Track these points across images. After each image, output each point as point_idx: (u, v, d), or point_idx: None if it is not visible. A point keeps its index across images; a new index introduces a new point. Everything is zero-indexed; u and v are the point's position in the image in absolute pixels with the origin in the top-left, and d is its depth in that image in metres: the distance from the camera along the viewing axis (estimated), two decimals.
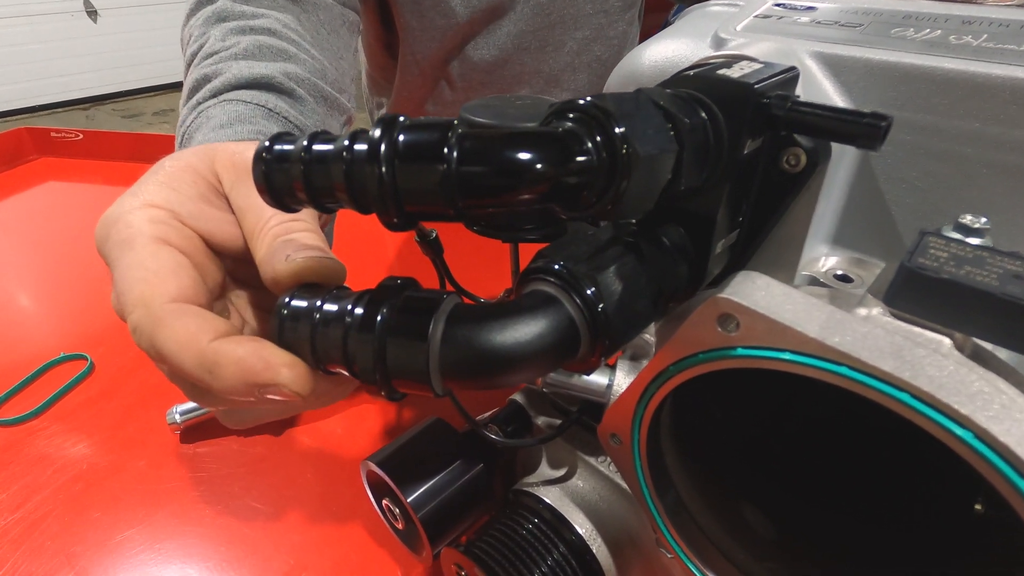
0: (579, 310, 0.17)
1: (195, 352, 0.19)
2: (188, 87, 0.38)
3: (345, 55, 0.50)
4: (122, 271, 0.22)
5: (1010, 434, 0.12)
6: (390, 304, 0.18)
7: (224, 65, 0.37)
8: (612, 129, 0.15)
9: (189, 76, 0.39)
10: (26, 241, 0.69)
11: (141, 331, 0.20)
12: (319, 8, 0.48)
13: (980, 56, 0.19)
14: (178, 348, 0.19)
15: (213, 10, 0.43)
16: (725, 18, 0.25)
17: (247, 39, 0.39)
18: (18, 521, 0.37)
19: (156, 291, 0.21)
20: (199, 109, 0.35)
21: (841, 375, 0.14)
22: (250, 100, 0.35)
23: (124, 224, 0.23)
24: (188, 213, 0.24)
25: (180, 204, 0.24)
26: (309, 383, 0.19)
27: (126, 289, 0.21)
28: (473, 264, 0.55)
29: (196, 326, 0.20)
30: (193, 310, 0.21)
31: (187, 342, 0.19)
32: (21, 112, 3.17)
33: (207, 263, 0.24)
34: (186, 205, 0.24)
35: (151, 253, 0.22)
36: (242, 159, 0.25)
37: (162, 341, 0.20)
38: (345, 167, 0.15)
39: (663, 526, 0.21)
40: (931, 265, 0.14)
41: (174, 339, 0.20)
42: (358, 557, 0.34)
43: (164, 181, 0.24)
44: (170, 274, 0.21)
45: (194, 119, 0.35)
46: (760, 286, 0.15)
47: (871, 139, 0.16)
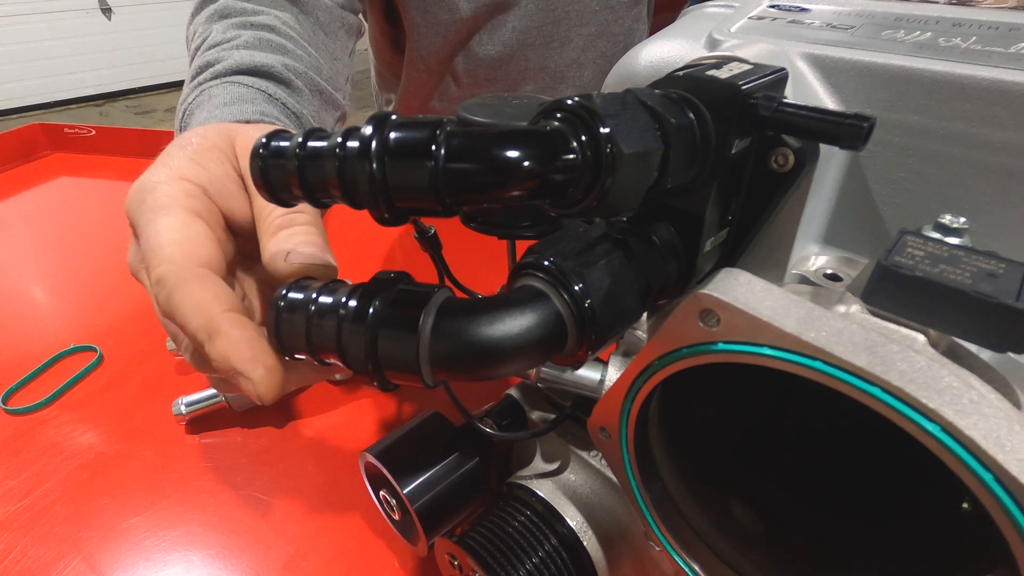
0: (566, 305, 0.18)
1: (205, 317, 0.21)
2: (191, 73, 0.39)
3: (340, 56, 0.51)
4: (156, 230, 0.23)
5: (976, 428, 0.12)
6: (383, 297, 0.18)
7: (226, 53, 0.38)
8: (597, 129, 0.15)
9: (193, 64, 0.40)
10: (39, 235, 0.70)
11: (163, 284, 0.22)
12: (318, 9, 0.50)
13: (967, 58, 0.19)
14: (192, 308, 0.21)
15: (215, 8, 0.44)
16: (721, 19, 0.25)
17: (248, 33, 0.41)
18: (28, 507, 0.38)
19: (187, 253, 0.22)
20: (201, 88, 0.36)
21: (816, 369, 0.14)
22: (251, 84, 0.36)
23: (162, 193, 0.24)
24: (215, 191, 0.26)
25: (209, 181, 0.25)
26: (273, 393, 0.21)
27: (157, 246, 0.23)
28: (472, 260, 0.56)
29: (213, 294, 0.21)
30: (215, 279, 0.22)
31: (202, 306, 0.21)
32: (36, 108, 3.21)
33: (225, 239, 0.26)
34: (214, 183, 0.26)
35: (184, 222, 0.23)
36: None
37: (180, 298, 0.21)
38: (338, 163, 0.15)
39: (650, 519, 0.22)
40: (907, 263, 0.14)
41: (192, 299, 0.21)
42: (356, 546, 0.35)
43: (194, 158, 0.26)
44: (200, 243, 0.23)
45: (196, 96, 0.36)
46: (741, 283, 0.16)
47: (854, 139, 0.17)
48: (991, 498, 0.12)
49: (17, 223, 0.73)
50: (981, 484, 0.12)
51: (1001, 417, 0.13)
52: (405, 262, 0.63)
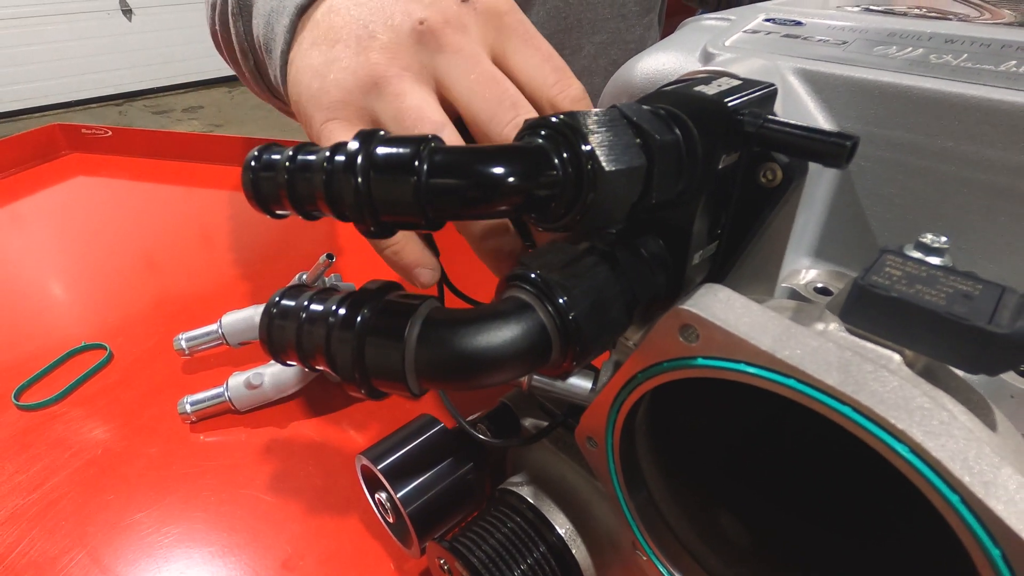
0: (551, 317, 0.18)
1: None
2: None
3: None
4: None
5: (944, 449, 0.12)
6: (371, 306, 0.19)
7: None
8: (579, 146, 0.16)
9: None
10: (55, 233, 0.72)
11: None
12: None
13: (958, 76, 0.19)
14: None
15: None
16: (716, 32, 0.25)
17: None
18: (36, 501, 0.39)
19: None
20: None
21: (790, 387, 0.14)
22: None
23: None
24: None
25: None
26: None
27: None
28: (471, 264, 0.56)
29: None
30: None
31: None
32: (57, 107, 3.27)
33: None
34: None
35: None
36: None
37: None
38: (325, 177, 0.16)
39: (635, 529, 0.22)
40: (883, 283, 0.14)
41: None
42: (353, 548, 0.35)
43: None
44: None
45: None
46: (721, 299, 0.16)
47: (836, 158, 0.17)
48: (958, 520, 0.12)
49: (35, 221, 0.75)
50: (948, 506, 0.12)
51: (971, 439, 0.13)
52: None
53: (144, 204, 0.78)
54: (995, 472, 0.12)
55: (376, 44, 0.24)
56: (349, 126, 0.25)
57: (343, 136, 0.24)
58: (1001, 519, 0.12)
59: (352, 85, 0.24)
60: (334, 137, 0.24)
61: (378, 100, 0.24)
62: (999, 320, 0.13)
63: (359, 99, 0.24)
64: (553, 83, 0.24)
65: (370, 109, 0.24)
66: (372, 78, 0.24)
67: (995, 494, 0.12)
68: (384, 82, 0.23)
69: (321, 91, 0.25)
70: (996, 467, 0.12)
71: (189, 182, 0.84)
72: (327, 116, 0.25)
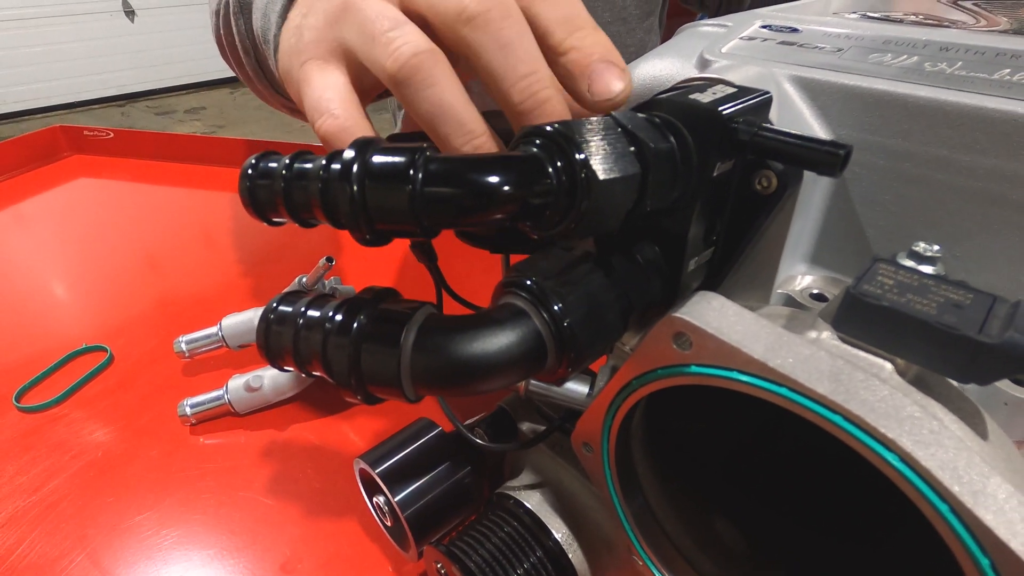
0: (546, 324, 0.18)
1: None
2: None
3: None
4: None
5: (934, 458, 0.13)
6: (367, 312, 0.19)
7: None
8: (572, 154, 0.16)
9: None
10: (57, 235, 0.72)
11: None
12: None
13: (952, 84, 0.19)
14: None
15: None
16: (713, 39, 0.25)
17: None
18: (36, 503, 0.39)
19: None
20: None
21: (781, 396, 0.14)
22: None
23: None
24: None
25: None
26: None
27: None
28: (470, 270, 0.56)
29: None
30: None
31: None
32: (60, 108, 3.28)
33: None
34: None
35: None
36: None
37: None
38: (321, 185, 0.16)
39: (631, 534, 0.22)
40: (874, 292, 0.14)
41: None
42: (351, 551, 0.35)
43: None
44: None
45: None
46: (714, 307, 0.16)
47: (830, 167, 0.17)
48: (948, 529, 0.12)
49: (37, 223, 0.75)
50: (938, 515, 0.13)
51: (961, 448, 0.13)
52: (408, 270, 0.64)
53: (145, 206, 0.79)
54: (984, 481, 0.12)
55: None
56: (323, 64, 0.24)
57: (320, 77, 0.24)
58: (990, 529, 0.12)
59: (323, 22, 0.24)
60: (312, 79, 0.24)
61: (345, 25, 0.23)
62: (989, 330, 0.13)
63: (329, 32, 0.24)
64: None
65: (340, 39, 0.24)
66: (339, 7, 0.23)
67: (984, 503, 0.12)
68: (349, 5, 0.23)
69: (298, 40, 0.25)
70: (986, 476, 0.12)
71: (190, 184, 0.84)
72: (302, 60, 0.25)
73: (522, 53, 0.21)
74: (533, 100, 0.21)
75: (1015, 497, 0.12)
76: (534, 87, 0.21)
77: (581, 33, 0.22)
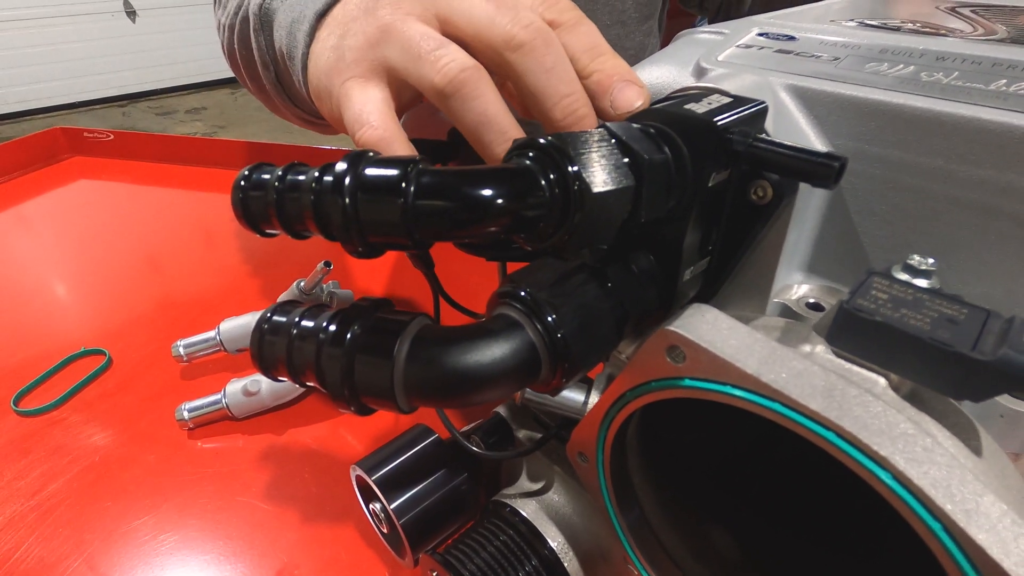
0: (539, 336, 0.18)
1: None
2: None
3: None
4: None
5: (927, 476, 0.12)
6: (361, 323, 0.19)
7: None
8: (565, 167, 0.16)
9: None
10: (57, 237, 0.72)
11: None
12: None
13: (947, 95, 0.19)
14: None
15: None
16: (710, 46, 0.25)
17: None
18: (34, 507, 0.39)
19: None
20: None
21: (775, 411, 0.14)
22: None
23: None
24: None
25: None
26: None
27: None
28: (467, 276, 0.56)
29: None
30: None
31: None
32: (62, 108, 3.29)
33: None
34: None
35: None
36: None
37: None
38: (313, 197, 0.16)
39: (626, 544, 0.22)
40: (868, 307, 0.14)
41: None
42: (348, 557, 0.35)
43: None
44: None
45: None
46: (708, 320, 0.16)
47: (824, 179, 0.17)
48: (940, 547, 0.12)
49: (37, 225, 0.75)
50: (931, 533, 0.12)
51: (954, 466, 0.13)
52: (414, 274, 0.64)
53: (145, 207, 0.79)
54: (977, 500, 0.12)
55: (381, 4, 0.26)
56: (364, 82, 0.26)
57: (360, 93, 0.26)
58: (982, 548, 0.12)
59: (363, 43, 0.26)
60: (353, 95, 0.26)
61: (387, 46, 0.25)
62: (983, 347, 0.13)
63: (370, 53, 0.26)
64: (540, 1, 0.25)
65: (381, 58, 0.25)
66: (380, 30, 0.25)
67: (977, 522, 0.12)
68: (390, 28, 0.25)
69: (338, 60, 0.27)
70: (979, 495, 0.12)
71: (190, 186, 0.84)
72: (344, 78, 0.26)
73: (564, 75, 0.24)
74: (573, 116, 0.24)
75: (1008, 516, 0.12)
76: (574, 105, 0.24)
77: (603, 58, 0.25)
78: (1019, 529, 0.12)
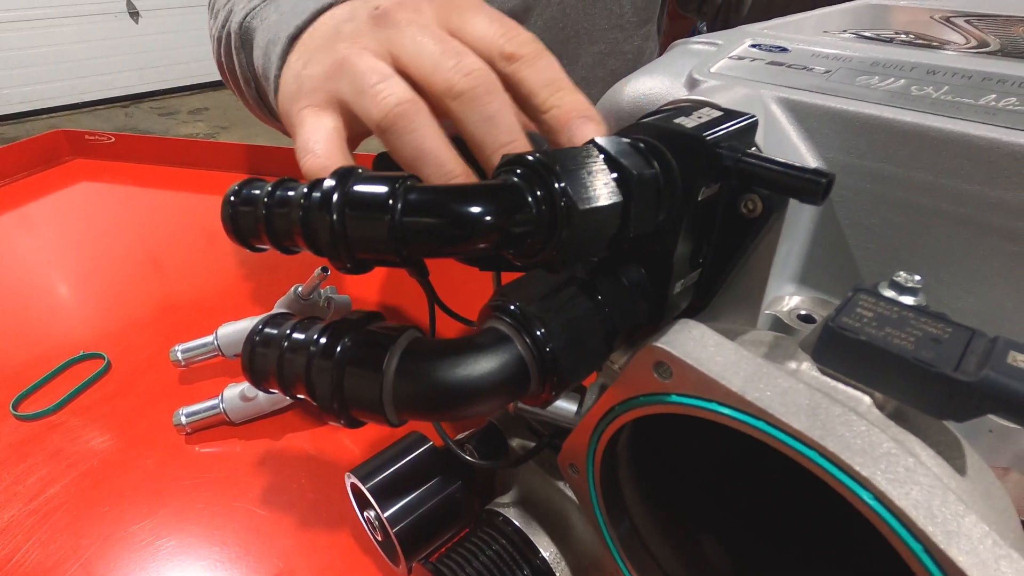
0: (529, 350, 0.18)
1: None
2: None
3: None
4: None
5: (908, 497, 0.13)
6: (352, 336, 0.19)
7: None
8: (552, 184, 0.16)
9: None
10: (57, 240, 0.72)
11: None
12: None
13: (936, 109, 0.19)
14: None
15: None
16: (703, 57, 0.25)
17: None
18: (32, 512, 0.39)
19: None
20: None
21: (759, 429, 0.14)
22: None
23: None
24: None
25: None
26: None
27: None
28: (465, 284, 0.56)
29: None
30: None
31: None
32: (65, 109, 3.30)
33: None
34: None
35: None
36: None
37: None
38: (302, 213, 0.16)
39: (617, 556, 0.22)
40: (853, 325, 0.14)
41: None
42: (344, 564, 0.35)
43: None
44: None
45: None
46: (694, 336, 0.16)
47: (812, 195, 0.17)
48: (921, 568, 0.12)
49: (38, 227, 0.75)
50: (912, 554, 0.12)
51: (936, 486, 0.13)
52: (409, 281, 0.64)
53: (146, 210, 0.79)
54: (959, 521, 0.12)
55: (341, 36, 0.27)
56: (319, 111, 0.27)
57: (313, 121, 0.27)
58: (962, 570, 0.12)
59: (321, 73, 0.27)
60: (306, 122, 0.27)
61: (340, 79, 0.26)
62: (965, 367, 0.13)
63: (326, 84, 0.26)
64: (500, 34, 0.25)
65: (335, 91, 0.26)
66: (336, 63, 0.26)
67: (958, 544, 0.12)
68: (344, 62, 0.26)
69: (298, 88, 0.28)
70: (960, 515, 0.12)
71: (191, 188, 0.84)
72: (301, 105, 0.27)
73: (504, 124, 0.24)
74: None
75: (990, 537, 0.12)
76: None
77: (561, 93, 0.25)
78: (1000, 551, 0.12)
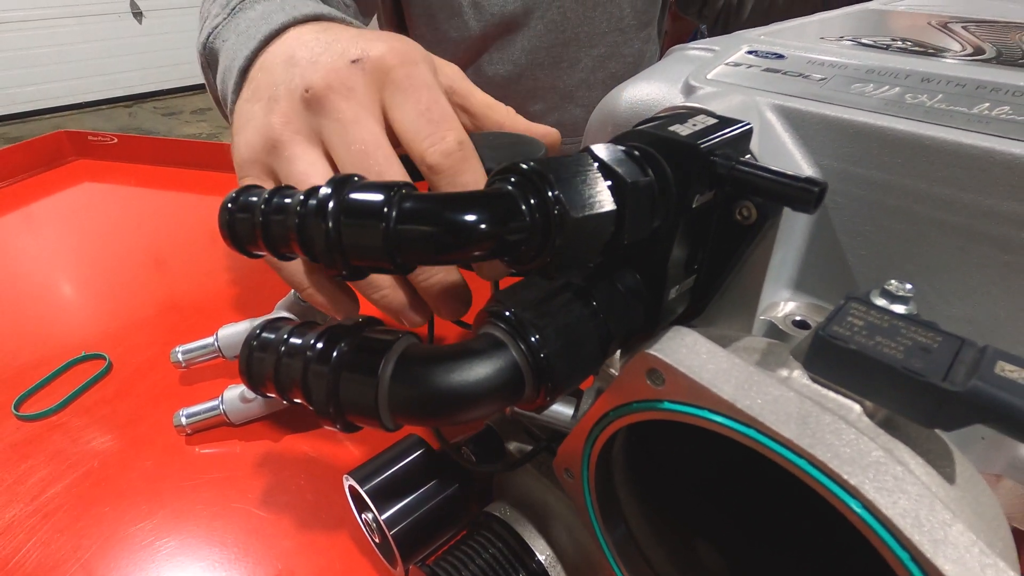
0: (523, 356, 0.18)
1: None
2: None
3: None
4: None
5: (896, 506, 0.13)
6: (348, 341, 0.19)
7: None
8: (546, 192, 0.16)
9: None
10: (59, 241, 0.73)
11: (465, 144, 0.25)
12: (330, 2, 0.51)
13: (930, 118, 0.19)
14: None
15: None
16: (700, 63, 0.26)
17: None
18: (32, 512, 0.39)
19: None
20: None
21: (750, 437, 0.14)
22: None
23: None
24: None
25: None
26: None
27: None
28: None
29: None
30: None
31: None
32: (68, 108, 3.31)
33: None
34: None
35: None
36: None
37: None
38: (298, 221, 0.16)
39: (612, 561, 0.22)
40: (843, 334, 0.14)
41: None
42: (342, 566, 0.35)
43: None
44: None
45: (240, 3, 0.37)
46: (687, 343, 0.16)
47: (804, 203, 0.17)
48: None
49: (41, 227, 0.76)
50: (899, 562, 0.13)
51: (924, 495, 0.13)
52: None
53: (148, 210, 0.79)
54: (946, 530, 0.12)
55: (277, 108, 0.27)
56: (257, 183, 0.27)
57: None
58: None
59: (257, 144, 0.27)
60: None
61: (276, 160, 0.27)
62: (954, 377, 0.13)
63: (263, 157, 0.27)
64: (425, 136, 0.25)
65: (271, 167, 0.27)
66: (271, 140, 0.27)
67: (944, 552, 0.12)
68: (280, 145, 0.27)
69: (236, 148, 0.29)
70: (947, 524, 0.12)
71: (194, 189, 0.85)
72: (242, 173, 0.28)
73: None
74: None
75: (977, 546, 0.12)
76: None
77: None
78: (987, 559, 0.12)
